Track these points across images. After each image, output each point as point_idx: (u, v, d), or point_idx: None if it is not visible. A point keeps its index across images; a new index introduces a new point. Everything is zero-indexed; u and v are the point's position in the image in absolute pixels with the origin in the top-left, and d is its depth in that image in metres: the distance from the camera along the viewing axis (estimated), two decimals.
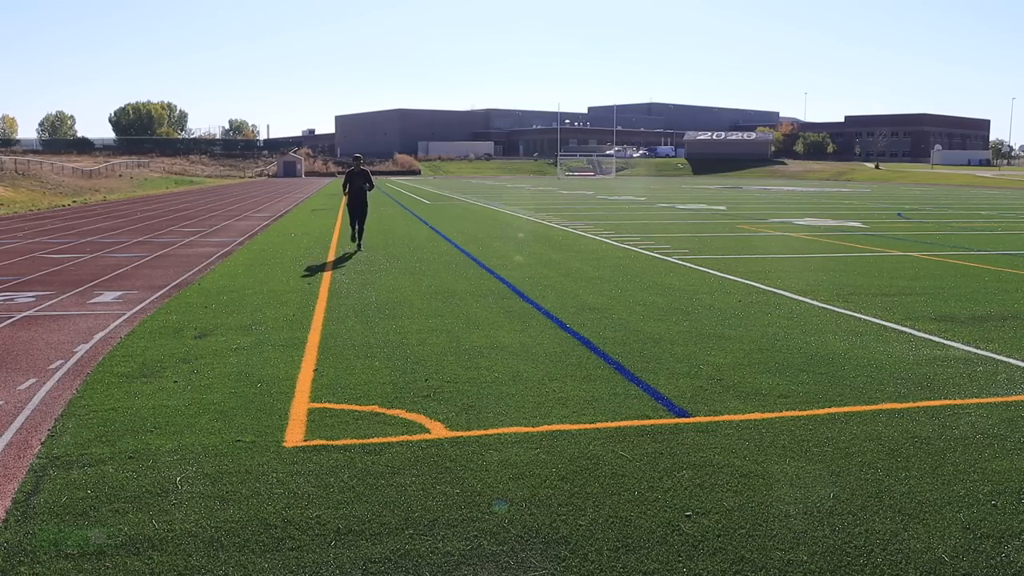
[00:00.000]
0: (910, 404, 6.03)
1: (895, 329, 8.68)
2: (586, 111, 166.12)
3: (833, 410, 5.89)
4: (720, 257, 15.39)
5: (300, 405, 5.96)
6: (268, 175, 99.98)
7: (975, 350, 7.73)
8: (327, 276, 12.70)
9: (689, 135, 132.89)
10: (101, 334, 8.42)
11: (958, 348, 7.82)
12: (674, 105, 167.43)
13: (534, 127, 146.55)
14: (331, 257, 15.25)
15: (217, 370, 6.91)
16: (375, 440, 5.23)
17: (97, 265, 14.46)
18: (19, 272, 13.39)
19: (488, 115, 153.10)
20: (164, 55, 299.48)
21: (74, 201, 39.49)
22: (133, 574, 3.58)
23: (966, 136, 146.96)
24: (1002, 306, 10.14)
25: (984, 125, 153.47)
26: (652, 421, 5.61)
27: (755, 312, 9.64)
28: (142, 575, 3.58)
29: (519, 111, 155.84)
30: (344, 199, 17.63)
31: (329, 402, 6.04)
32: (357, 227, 16.63)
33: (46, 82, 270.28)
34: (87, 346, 7.87)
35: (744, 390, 6.36)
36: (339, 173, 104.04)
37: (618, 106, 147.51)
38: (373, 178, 17.42)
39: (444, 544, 3.86)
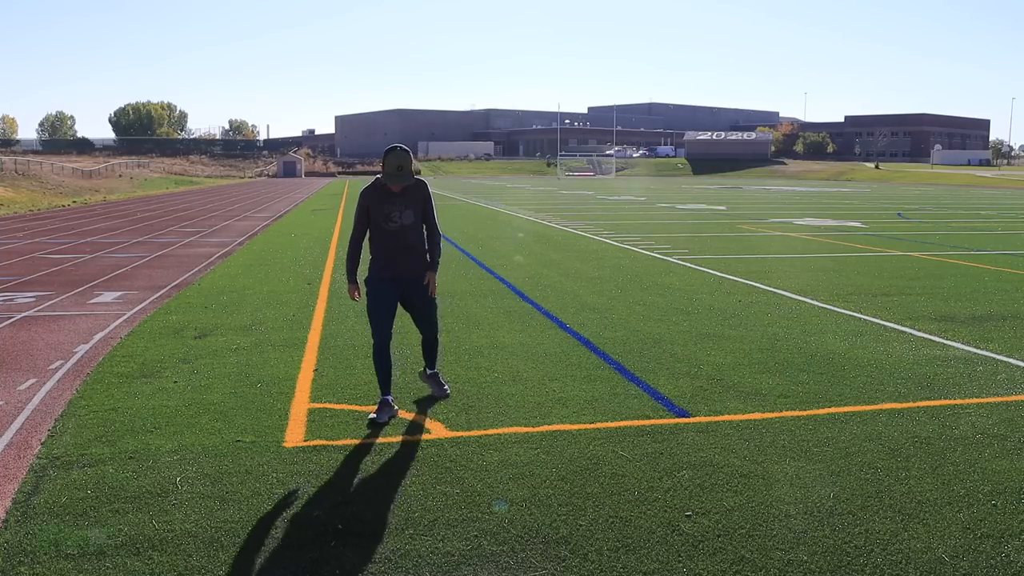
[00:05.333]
0: (910, 404, 6.03)
1: (895, 329, 8.68)
2: (586, 111, 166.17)
3: (833, 410, 5.89)
4: (720, 257, 15.39)
5: (300, 405, 5.96)
6: (268, 175, 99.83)
7: (975, 350, 7.72)
8: (327, 276, 12.69)
9: (689, 135, 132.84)
10: (101, 334, 8.42)
11: (958, 348, 7.82)
12: (674, 105, 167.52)
13: (534, 127, 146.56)
14: (331, 257, 15.25)
15: (217, 370, 6.92)
16: (375, 440, 5.23)
17: (97, 265, 14.46)
18: (19, 272, 13.39)
19: (488, 115, 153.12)
20: (164, 55, 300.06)
21: (74, 201, 39.48)
22: (133, 574, 3.58)
23: (966, 136, 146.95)
24: (1002, 306, 10.14)
25: (984, 125, 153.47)
26: (652, 421, 5.61)
27: (755, 312, 9.64)
28: (142, 575, 3.58)
29: (519, 111, 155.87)
30: (350, 250, 5.74)
31: (329, 402, 6.05)
32: (427, 371, 6.07)
33: (46, 82, 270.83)
34: (87, 346, 7.87)
35: (744, 390, 6.36)
36: (340, 173, 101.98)
37: (618, 106, 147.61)
38: (433, 201, 5.65)
39: (444, 544, 3.86)
